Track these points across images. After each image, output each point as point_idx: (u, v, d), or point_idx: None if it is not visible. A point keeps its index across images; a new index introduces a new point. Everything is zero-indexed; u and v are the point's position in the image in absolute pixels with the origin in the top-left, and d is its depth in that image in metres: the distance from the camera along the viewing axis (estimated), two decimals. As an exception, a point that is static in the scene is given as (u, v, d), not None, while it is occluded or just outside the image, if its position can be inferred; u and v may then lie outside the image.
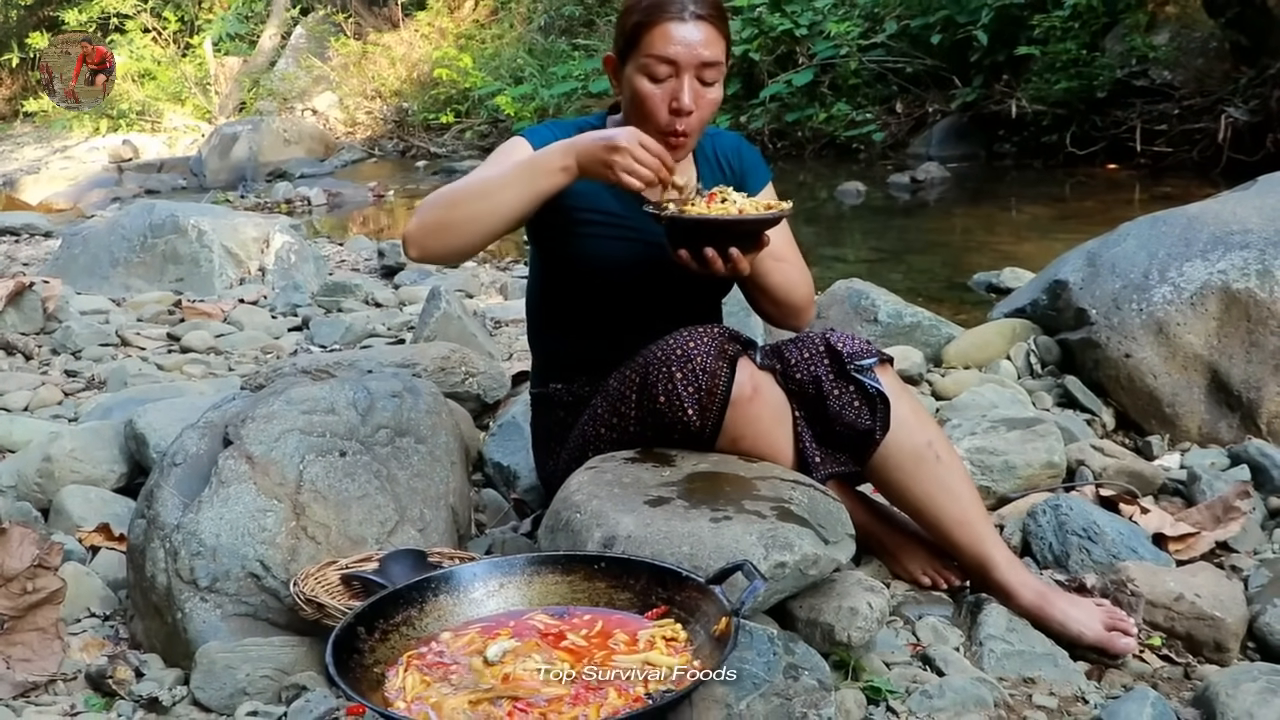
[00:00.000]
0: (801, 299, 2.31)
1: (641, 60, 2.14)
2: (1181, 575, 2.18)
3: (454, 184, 2.18)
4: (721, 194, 2.07)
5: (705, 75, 2.13)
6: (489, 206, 2.09)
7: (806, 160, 10.61)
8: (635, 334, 2.21)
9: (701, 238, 2.02)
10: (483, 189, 2.11)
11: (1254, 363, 2.89)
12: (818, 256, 6.21)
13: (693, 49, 2.11)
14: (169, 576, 2.08)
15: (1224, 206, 3.26)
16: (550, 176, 2.07)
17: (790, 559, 1.82)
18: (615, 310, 2.32)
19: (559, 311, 2.41)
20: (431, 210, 2.13)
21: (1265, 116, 7.99)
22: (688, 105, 2.11)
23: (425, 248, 2.13)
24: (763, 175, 2.42)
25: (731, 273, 2.04)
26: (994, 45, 9.65)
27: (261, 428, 2.22)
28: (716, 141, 2.42)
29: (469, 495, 2.58)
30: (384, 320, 4.69)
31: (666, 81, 2.13)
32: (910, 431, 2.15)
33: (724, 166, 2.39)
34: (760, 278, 2.20)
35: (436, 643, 1.66)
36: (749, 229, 2.03)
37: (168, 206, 6.03)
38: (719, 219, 2.01)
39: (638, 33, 2.14)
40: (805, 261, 2.38)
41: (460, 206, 2.11)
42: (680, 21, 2.10)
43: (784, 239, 2.33)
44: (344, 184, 10.87)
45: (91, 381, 3.94)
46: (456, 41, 15.45)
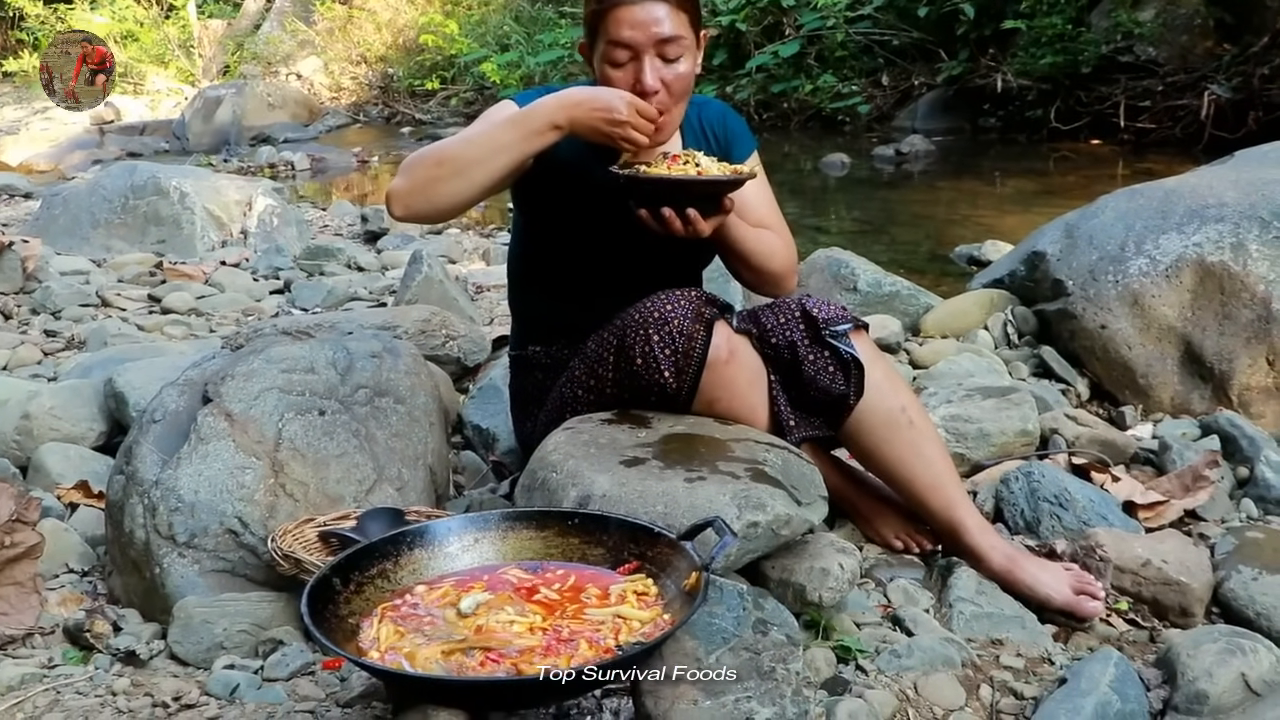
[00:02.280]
0: (780, 266, 2.31)
1: (603, 46, 2.14)
2: (1150, 542, 2.21)
3: (441, 141, 2.17)
4: (688, 157, 2.07)
5: (666, 52, 2.11)
6: (477, 163, 2.07)
7: (792, 132, 10.60)
8: (615, 299, 2.22)
9: (659, 197, 2.03)
10: (471, 146, 2.09)
11: (1226, 335, 2.91)
12: (801, 227, 6.22)
13: (647, 29, 2.09)
14: (147, 532, 2.10)
15: (1200, 180, 3.28)
16: (540, 135, 2.07)
17: (763, 519, 1.84)
18: (596, 275, 2.33)
19: (540, 275, 2.42)
20: (418, 167, 2.09)
21: (1248, 94, 8.01)
22: (650, 86, 2.10)
23: (410, 205, 2.09)
24: (747, 144, 2.42)
25: (691, 235, 2.04)
26: (980, 19, 9.64)
27: (241, 386, 2.23)
28: (703, 110, 2.41)
29: (447, 456, 2.60)
30: (366, 284, 4.70)
31: (628, 65, 2.12)
32: (884, 396, 2.17)
33: (709, 135, 2.39)
34: (735, 243, 2.21)
35: (411, 595, 1.68)
36: (705, 190, 2.04)
37: (149, 168, 6.01)
38: (673, 178, 2.02)
39: (596, 20, 2.15)
40: (792, 229, 2.39)
41: (448, 163, 2.08)
42: (631, 4, 2.09)
43: (766, 206, 2.34)
44: (328, 149, 10.83)
45: (71, 341, 3.94)
46: (443, 7, 15.33)
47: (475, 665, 1.48)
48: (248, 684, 1.85)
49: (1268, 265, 2.91)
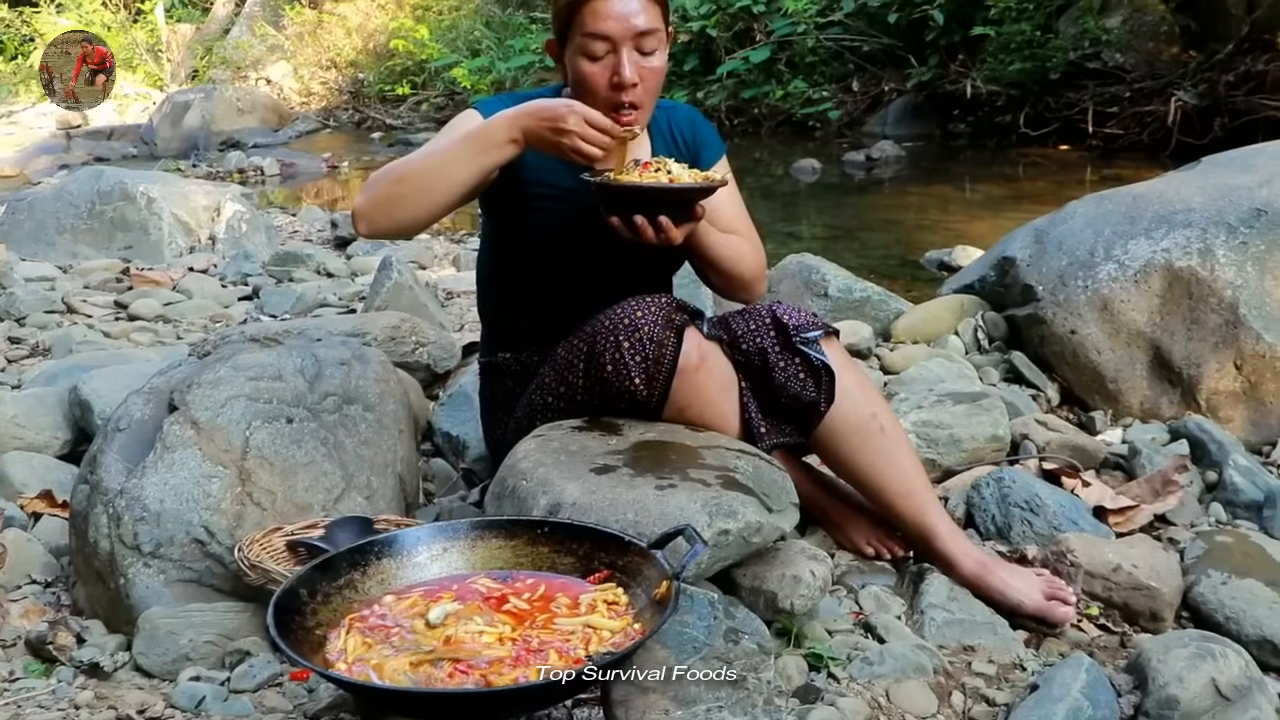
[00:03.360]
0: (749, 272, 2.31)
1: (578, 40, 2.13)
2: (1120, 547, 2.22)
3: (403, 158, 2.16)
4: (659, 164, 2.06)
5: (644, 45, 2.12)
6: (438, 180, 2.07)
7: (763, 137, 10.63)
8: (585, 305, 2.21)
9: (631, 205, 2.02)
10: (431, 162, 2.09)
11: (1194, 340, 2.93)
12: (772, 232, 6.22)
13: (626, 21, 2.09)
14: (112, 542, 2.07)
15: (1168, 186, 3.29)
16: (498, 149, 2.06)
17: (734, 526, 1.83)
18: (565, 282, 2.32)
19: (509, 282, 2.40)
20: (381, 185, 2.10)
21: (1213, 100, 8.09)
22: (629, 78, 2.10)
23: (375, 223, 2.10)
24: (716, 149, 2.42)
25: (663, 242, 2.04)
26: (950, 25, 9.70)
27: (207, 393, 2.21)
28: (671, 115, 2.41)
29: (417, 464, 2.58)
30: (335, 290, 4.66)
31: (605, 58, 2.12)
32: (855, 403, 2.16)
33: (678, 140, 2.38)
34: (705, 250, 2.21)
35: (379, 605, 1.66)
36: (677, 198, 2.03)
37: (116, 173, 5.95)
38: (646, 186, 2.01)
39: (570, 13, 2.14)
40: (763, 235, 2.39)
41: (409, 181, 2.08)
42: None
43: (735, 211, 2.34)
44: (298, 154, 10.77)
45: (36, 349, 3.89)
46: (413, 13, 15.31)
47: (444, 677, 1.47)
48: (214, 696, 1.83)
49: (1234, 270, 2.93)
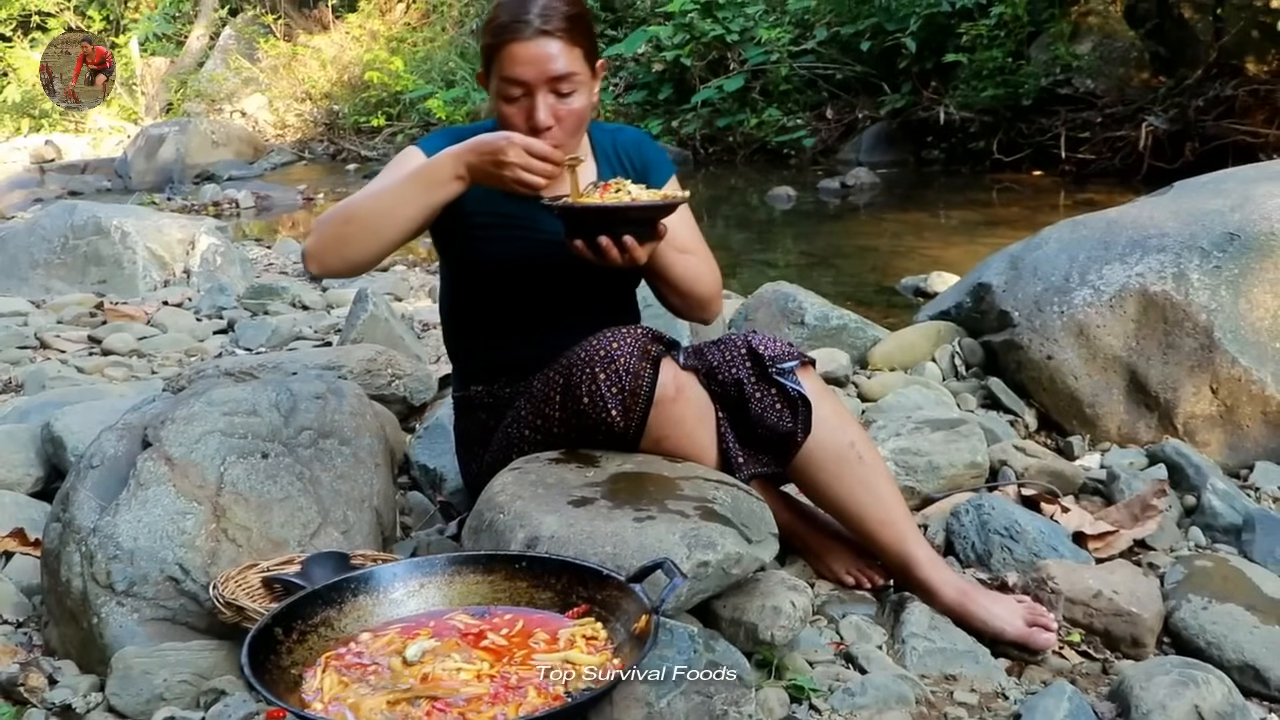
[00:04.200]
0: (706, 291, 2.30)
1: (496, 83, 2.16)
2: (1100, 573, 2.22)
3: (350, 198, 2.17)
4: (617, 185, 2.06)
5: (559, 88, 2.13)
6: (385, 219, 2.09)
7: (738, 165, 10.67)
8: (549, 332, 2.23)
9: (595, 226, 2.02)
10: (378, 202, 2.11)
11: (1170, 364, 2.94)
12: (748, 260, 6.24)
13: (538, 66, 2.10)
14: (85, 581, 2.04)
15: (1141, 211, 3.31)
16: (444, 186, 2.08)
17: (713, 558, 1.82)
18: (525, 310, 2.32)
19: (471, 315, 2.40)
20: (328, 225, 2.13)
21: (1184, 125, 8.17)
22: (543, 122, 2.12)
23: (324, 263, 2.13)
24: (665, 169, 2.41)
25: (629, 263, 2.04)
26: (922, 53, 9.78)
27: (181, 429, 2.19)
28: (617, 138, 2.41)
29: (394, 497, 2.56)
30: (311, 323, 4.64)
31: (521, 101, 2.13)
32: (832, 432, 2.16)
33: (625, 162, 2.38)
34: (663, 269, 2.20)
35: (356, 643, 1.65)
36: (641, 216, 2.03)
37: (89, 207, 5.92)
38: (610, 205, 2.01)
39: (490, 55, 2.16)
40: (739, 263, 2.39)
41: (354, 222, 2.11)
42: (524, 41, 2.10)
43: (689, 231, 2.33)
44: (273, 187, 10.76)
45: (9, 385, 3.86)
46: (388, 44, 15.35)
47: (421, 715, 1.45)
48: (189, 737, 1.81)
49: (1208, 294, 2.94)
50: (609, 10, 13.00)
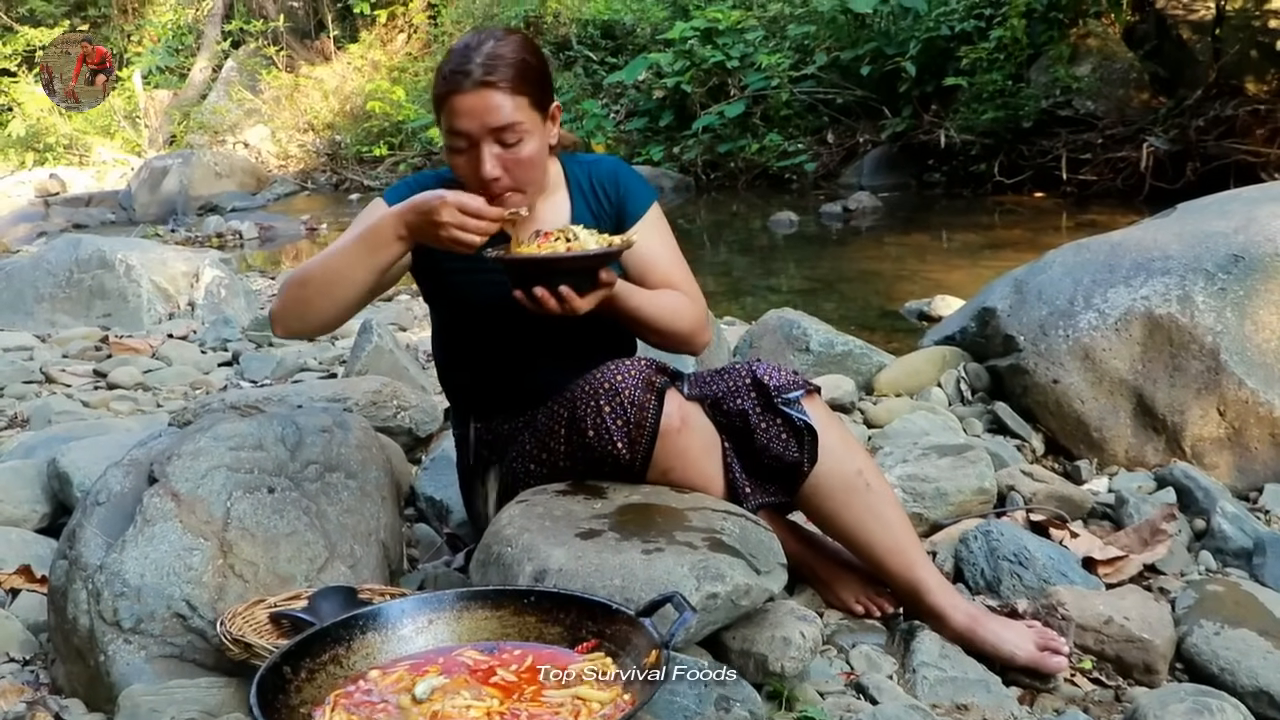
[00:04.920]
0: (687, 326, 2.24)
1: (444, 134, 2.16)
2: (1111, 598, 2.21)
3: (309, 261, 2.18)
4: (561, 233, 2.03)
5: (504, 138, 2.10)
6: (336, 282, 2.10)
7: (740, 191, 10.70)
8: (541, 369, 2.23)
9: (528, 277, 1.99)
10: (330, 265, 2.11)
11: (1177, 386, 2.93)
12: (751, 286, 6.25)
13: (479, 118, 2.09)
14: (91, 618, 2.04)
15: (1145, 233, 3.31)
16: (387, 247, 2.07)
17: (722, 590, 1.82)
18: (514, 349, 2.30)
19: (462, 356, 2.40)
20: (289, 289, 2.14)
21: (1185, 146, 8.19)
22: (488, 174, 2.10)
23: (287, 326, 2.16)
24: (643, 199, 2.34)
25: (568, 312, 2.00)
26: (922, 76, 9.82)
27: (188, 465, 2.18)
28: (593, 170, 2.37)
29: (400, 530, 2.55)
30: (316, 354, 4.64)
31: (468, 151, 2.12)
32: (839, 460, 2.16)
33: (600, 195, 2.34)
34: (631, 312, 2.16)
35: (364, 681, 1.64)
36: (572, 266, 1.98)
37: (94, 241, 5.94)
38: (537, 257, 1.98)
39: (437, 107, 2.16)
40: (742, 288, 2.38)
41: (309, 285, 2.12)
42: (464, 94, 2.09)
43: (670, 260, 2.29)
44: (276, 217, 10.79)
45: (14, 420, 3.86)
46: (389, 74, 15.43)
47: (431, 753, 1.44)
48: (197, 776, 1.80)
49: (1214, 316, 2.94)
50: (609, 38, 13.06)
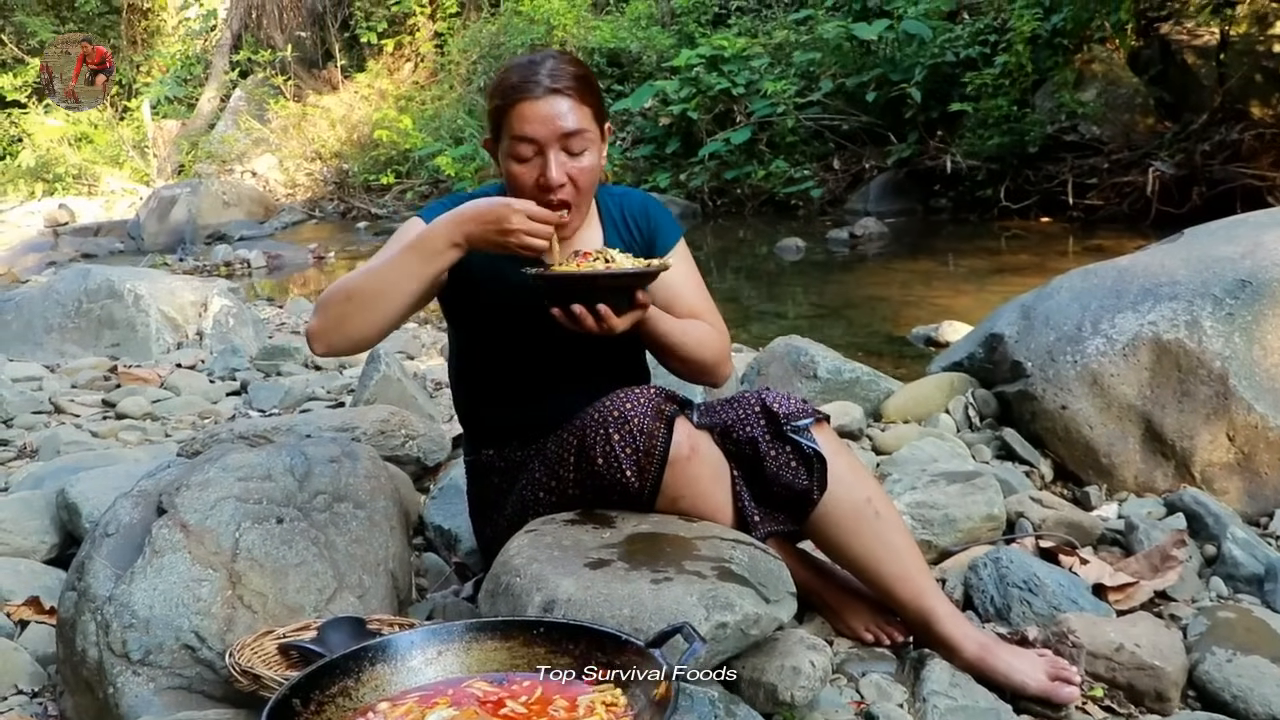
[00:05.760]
0: (709, 356, 2.28)
1: (507, 143, 2.16)
2: (1121, 625, 2.20)
3: (349, 275, 2.17)
4: (599, 254, 2.05)
5: (571, 146, 2.13)
6: (386, 294, 2.09)
7: (746, 217, 10.72)
8: (559, 395, 2.23)
9: (568, 294, 2.01)
10: (378, 277, 2.10)
11: (1186, 412, 2.93)
12: (758, 312, 6.26)
13: (550, 124, 2.11)
14: (100, 650, 2.04)
15: (1152, 259, 3.31)
16: (441, 255, 2.08)
17: (731, 619, 1.81)
18: (534, 373, 2.32)
19: (481, 379, 2.40)
20: (331, 304, 2.11)
21: (1191, 170, 8.20)
22: (555, 180, 2.12)
23: (330, 343, 2.12)
24: (672, 233, 2.40)
25: (605, 331, 2.02)
26: (928, 102, 9.85)
27: (196, 495, 2.19)
28: (624, 202, 2.41)
29: (409, 560, 2.55)
30: (324, 383, 4.65)
31: (533, 160, 2.14)
32: (848, 488, 2.15)
33: (631, 226, 2.38)
34: (660, 337, 2.18)
35: (374, 713, 1.63)
36: (612, 284, 2.01)
37: (103, 271, 5.97)
38: (580, 274, 2.00)
39: (499, 116, 2.16)
40: (749, 315, 2.39)
41: (356, 298, 2.10)
42: (535, 100, 2.11)
43: (696, 293, 2.33)
44: (284, 246, 10.84)
45: (23, 450, 3.87)
46: (396, 103, 15.51)
47: (441, 786, 1.44)
48: (206, 809, 1.79)
49: (1222, 342, 2.93)
50: (615, 66, 13.11)
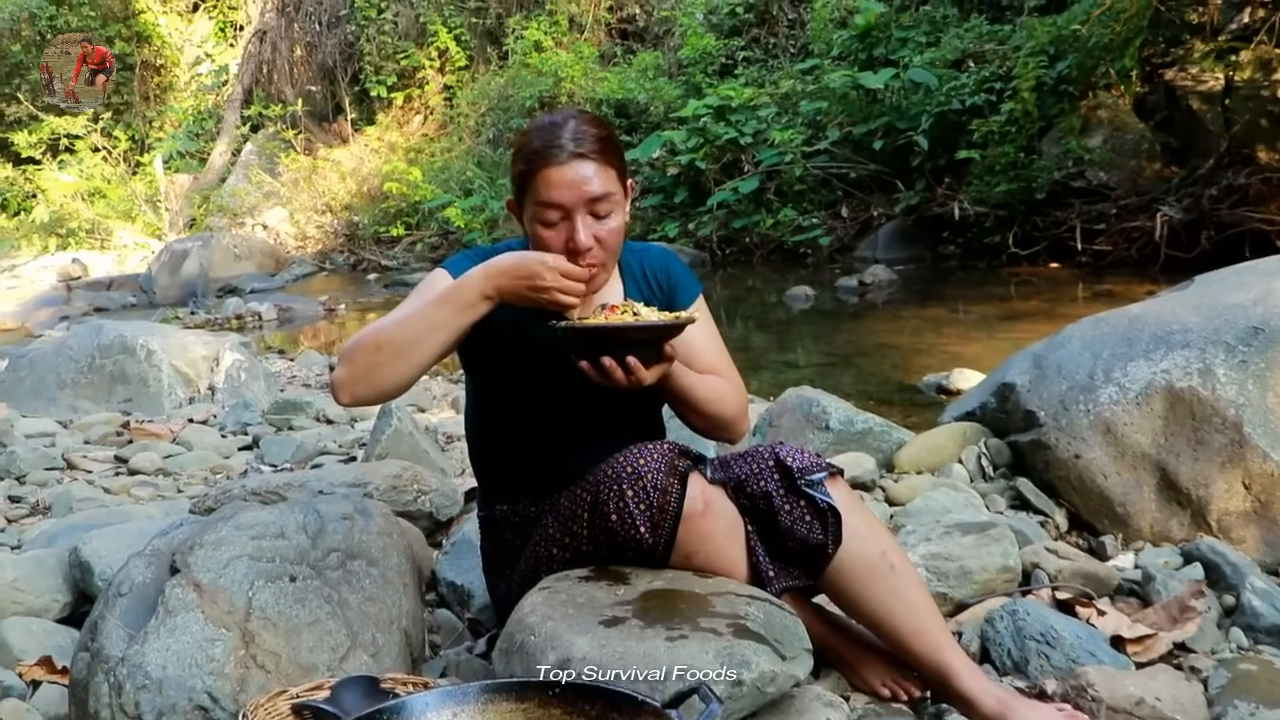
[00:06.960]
0: (730, 412, 2.29)
1: (532, 208, 2.17)
2: (1141, 678, 2.18)
3: (376, 324, 2.17)
4: (626, 307, 2.07)
5: (597, 209, 2.14)
6: (414, 344, 2.09)
7: (755, 266, 10.74)
8: (575, 452, 2.22)
9: (598, 346, 2.02)
10: (406, 328, 2.11)
11: (1201, 460, 2.91)
12: (768, 361, 6.26)
13: (577, 189, 2.12)
14: (113, 712, 2.03)
15: (1163, 306, 3.31)
16: (472, 308, 2.09)
17: (748, 677, 1.80)
18: (553, 430, 2.32)
19: (498, 434, 2.40)
20: (358, 354, 2.11)
21: (1199, 215, 8.21)
22: (584, 244, 2.13)
23: (356, 394, 2.11)
24: (692, 289, 2.42)
25: (633, 384, 2.03)
26: (935, 150, 9.89)
27: (209, 554, 2.18)
28: (644, 258, 2.42)
29: (422, 617, 2.54)
30: (335, 437, 4.65)
31: (560, 224, 2.14)
32: (863, 543, 2.14)
33: (651, 282, 2.39)
34: (682, 391, 2.19)
35: (389, 776, 1.62)
36: (641, 336, 2.02)
37: (116, 326, 6.00)
38: (610, 326, 2.01)
39: (524, 181, 2.17)
40: (759, 364, 2.39)
41: (385, 348, 2.10)
42: (560, 165, 2.12)
43: (715, 349, 2.34)
44: (295, 298, 10.89)
45: (36, 507, 3.87)
46: (406, 155, 15.62)
47: None
48: None
49: (1236, 389, 2.92)
50: (623, 116, 13.21)
